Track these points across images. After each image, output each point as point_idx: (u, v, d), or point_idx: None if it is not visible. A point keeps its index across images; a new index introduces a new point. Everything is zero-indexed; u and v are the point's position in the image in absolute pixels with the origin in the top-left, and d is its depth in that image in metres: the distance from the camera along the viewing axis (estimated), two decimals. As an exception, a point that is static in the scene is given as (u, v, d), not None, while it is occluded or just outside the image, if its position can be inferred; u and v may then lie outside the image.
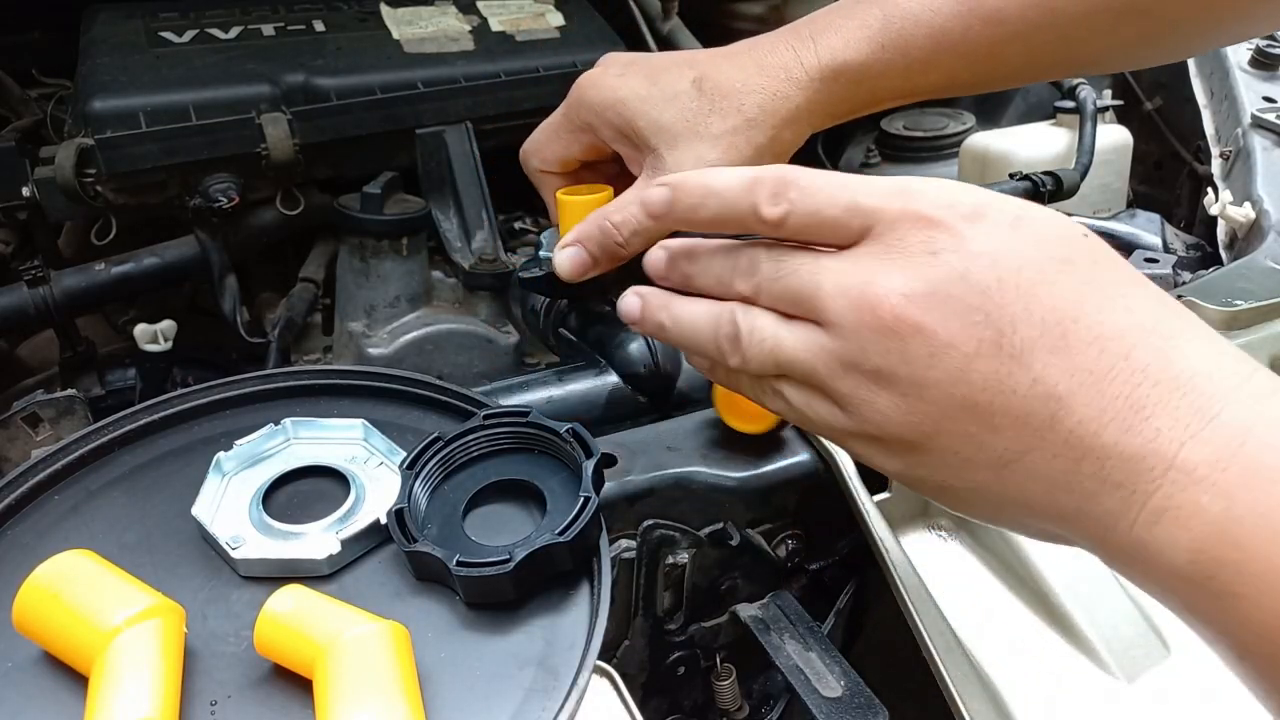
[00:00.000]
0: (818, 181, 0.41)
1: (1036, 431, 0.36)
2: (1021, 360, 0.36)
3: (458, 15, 1.00)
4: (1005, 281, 0.37)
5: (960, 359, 0.37)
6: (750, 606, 0.64)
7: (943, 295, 0.37)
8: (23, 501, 0.49)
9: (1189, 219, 1.12)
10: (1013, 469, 0.37)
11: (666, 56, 0.66)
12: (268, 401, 0.57)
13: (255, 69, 0.87)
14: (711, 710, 0.69)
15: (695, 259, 0.46)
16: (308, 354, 0.88)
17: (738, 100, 0.62)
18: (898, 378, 0.38)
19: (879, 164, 1.23)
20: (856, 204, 0.40)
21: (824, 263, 0.41)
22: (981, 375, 0.36)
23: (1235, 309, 0.71)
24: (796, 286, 0.41)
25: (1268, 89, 1.05)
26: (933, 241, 0.38)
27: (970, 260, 0.37)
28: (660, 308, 0.47)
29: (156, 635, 0.39)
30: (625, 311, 0.49)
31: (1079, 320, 0.36)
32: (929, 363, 0.37)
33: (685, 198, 0.45)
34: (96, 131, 0.78)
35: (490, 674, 0.41)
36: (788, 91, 0.62)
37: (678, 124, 0.62)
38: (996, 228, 0.38)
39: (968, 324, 0.37)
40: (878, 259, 0.39)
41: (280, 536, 0.47)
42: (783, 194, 0.41)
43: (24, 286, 0.77)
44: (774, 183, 0.42)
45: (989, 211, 0.38)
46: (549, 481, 0.48)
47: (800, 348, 0.41)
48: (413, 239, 0.85)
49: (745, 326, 0.43)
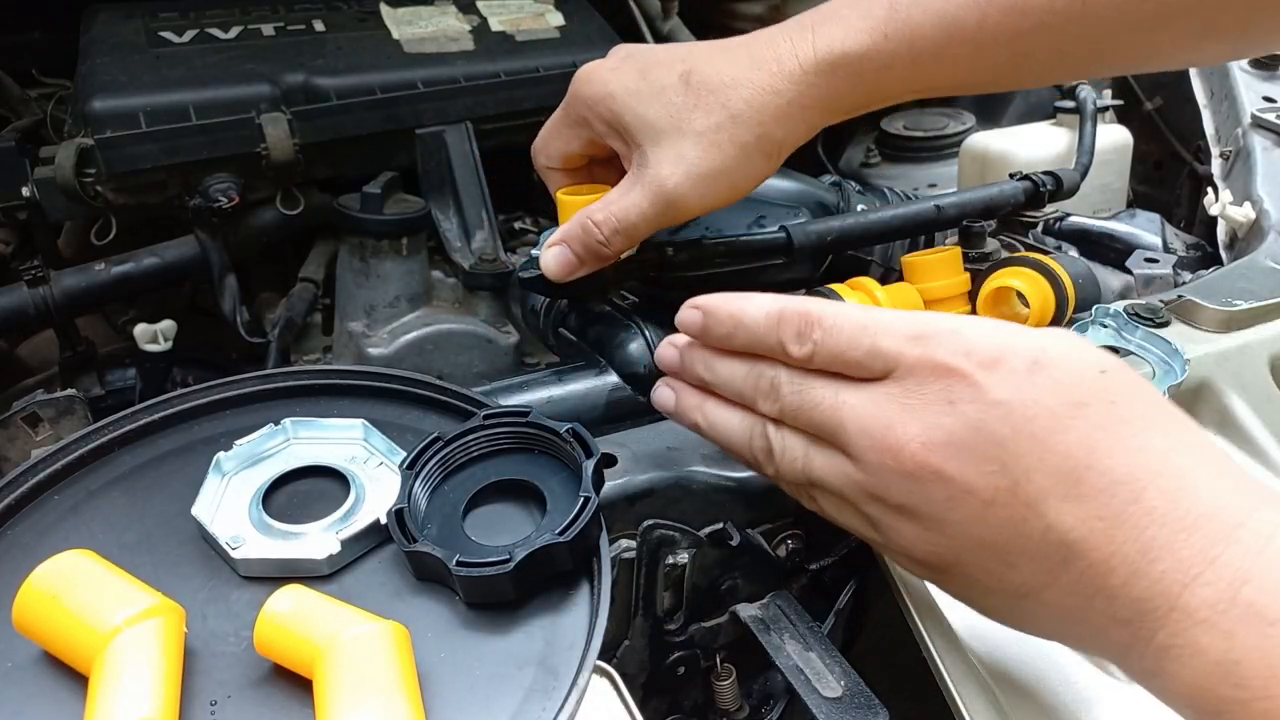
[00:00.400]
0: (840, 322, 0.42)
1: (1050, 571, 0.38)
2: (1036, 508, 0.37)
3: (458, 15, 1.00)
4: (1020, 431, 0.38)
5: (978, 504, 0.38)
6: (750, 606, 0.64)
7: (959, 444, 0.38)
8: (23, 501, 0.49)
9: (1189, 219, 1.12)
10: (1030, 600, 0.39)
11: (664, 49, 0.65)
12: (268, 401, 0.57)
13: (255, 69, 0.87)
14: (711, 710, 0.69)
15: (711, 368, 0.48)
16: (308, 354, 0.88)
17: (723, 95, 0.60)
18: (920, 514, 0.40)
19: (879, 163, 1.23)
20: (877, 348, 0.41)
21: (845, 397, 0.42)
22: (998, 520, 0.38)
23: (1235, 309, 0.71)
24: (819, 420, 0.43)
25: (1268, 89, 1.05)
26: (950, 390, 0.39)
27: (986, 410, 0.38)
28: (694, 408, 0.50)
29: (156, 635, 0.39)
30: (660, 403, 0.52)
31: (1091, 467, 0.37)
32: (948, 505, 0.39)
33: (716, 326, 0.47)
34: (96, 131, 0.78)
35: (490, 674, 0.41)
36: (778, 85, 0.59)
37: (662, 119, 0.60)
38: (1013, 374, 0.39)
39: (984, 473, 0.38)
40: (898, 402, 0.40)
41: (280, 536, 0.47)
42: (807, 334, 0.43)
43: (24, 286, 0.77)
44: (798, 321, 0.43)
45: (1006, 357, 0.39)
46: (549, 481, 0.48)
47: (829, 472, 0.43)
48: (413, 239, 0.85)
49: (777, 445, 0.45)
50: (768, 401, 0.45)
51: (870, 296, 0.70)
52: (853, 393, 0.42)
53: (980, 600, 0.42)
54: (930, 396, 0.39)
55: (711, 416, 0.49)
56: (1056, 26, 0.56)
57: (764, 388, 0.45)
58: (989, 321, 0.41)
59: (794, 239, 0.74)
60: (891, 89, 0.61)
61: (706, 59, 0.61)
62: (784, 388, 0.44)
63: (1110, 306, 0.71)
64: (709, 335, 0.47)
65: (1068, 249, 0.92)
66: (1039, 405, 0.38)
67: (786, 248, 0.74)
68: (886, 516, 0.41)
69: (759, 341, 0.45)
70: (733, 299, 0.46)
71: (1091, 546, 0.37)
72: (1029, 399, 0.38)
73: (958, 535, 0.39)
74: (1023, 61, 0.59)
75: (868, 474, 0.41)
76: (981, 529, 0.38)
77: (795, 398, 0.43)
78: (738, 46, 0.62)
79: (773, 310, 0.44)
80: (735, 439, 0.48)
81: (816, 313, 0.43)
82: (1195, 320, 0.72)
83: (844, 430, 0.41)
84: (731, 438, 0.48)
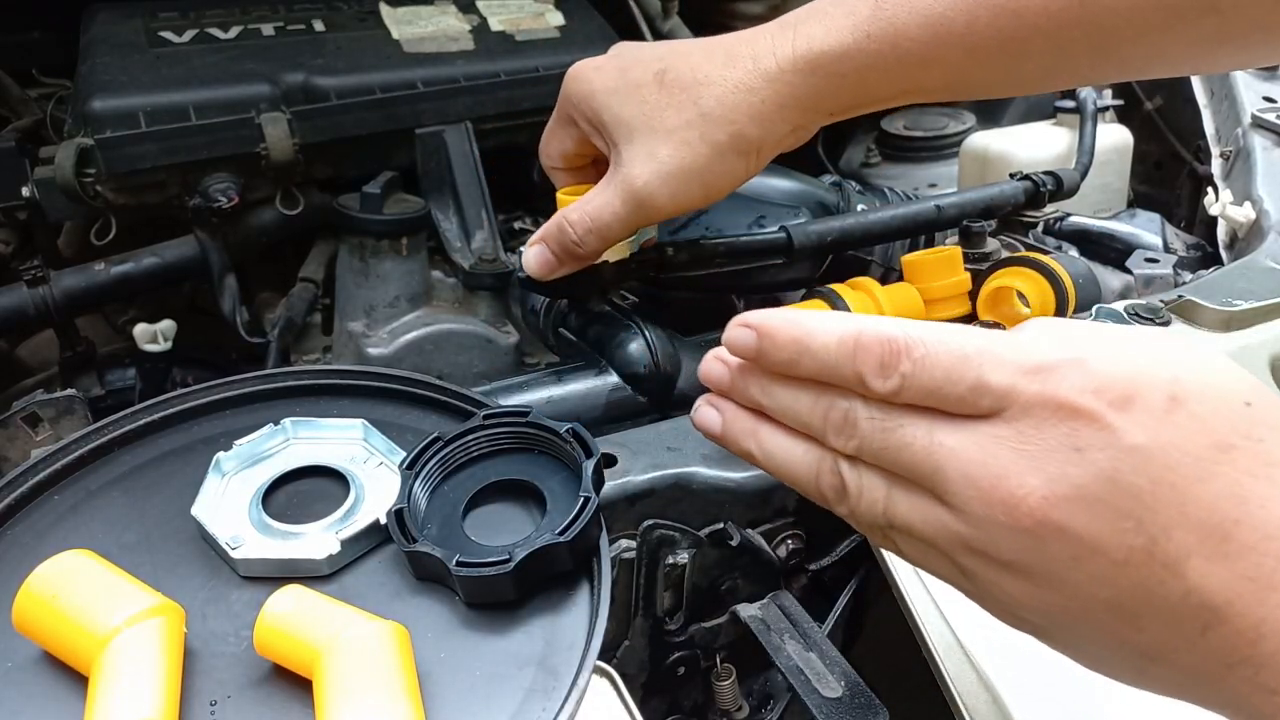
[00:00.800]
0: (935, 351, 0.36)
1: (1187, 637, 0.34)
2: (1176, 569, 0.33)
3: (458, 15, 1.00)
4: (1159, 482, 0.33)
5: (1107, 565, 0.33)
6: (750, 606, 0.64)
7: (1089, 499, 0.33)
8: (23, 501, 0.49)
9: (1189, 219, 1.12)
10: (1157, 664, 0.35)
11: (651, 47, 0.64)
12: (268, 401, 0.57)
13: (255, 69, 0.87)
14: (711, 710, 0.69)
15: (769, 393, 0.41)
16: (308, 354, 0.88)
17: (695, 93, 0.58)
18: (1033, 572, 0.35)
19: (879, 163, 1.23)
20: (983, 384, 0.35)
21: (942, 438, 0.36)
22: (1130, 581, 0.33)
23: (1235, 309, 0.71)
24: (910, 463, 0.36)
25: (1268, 89, 1.05)
26: (1076, 435, 0.33)
27: (1120, 459, 0.33)
28: (746, 434, 0.42)
29: (156, 635, 0.39)
30: (703, 425, 0.44)
31: (1240, 521, 0.33)
32: (1071, 565, 0.34)
33: (775, 351, 0.39)
34: (96, 131, 0.78)
35: (490, 674, 0.41)
36: (752, 83, 0.58)
37: (636, 118, 0.59)
38: (1149, 416, 0.33)
39: (1117, 530, 0.33)
40: (1010, 448, 0.34)
41: (280, 536, 0.47)
42: (892, 366, 0.36)
43: (24, 286, 0.77)
44: (881, 350, 0.36)
45: (1141, 394, 0.34)
46: (549, 481, 0.48)
47: (918, 520, 0.37)
48: (413, 239, 0.85)
49: (853, 485, 0.39)
50: (840, 436, 0.38)
51: (870, 296, 0.70)
52: (952, 433, 0.35)
53: (1093, 659, 0.38)
54: (1052, 442, 0.34)
55: (769, 446, 0.41)
56: (1053, 31, 0.54)
57: (836, 420, 0.38)
58: (1112, 343, 0.35)
59: (794, 239, 0.74)
60: (879, 91, 0.59)
61: (684, 56, 0.60)
62: (863, 424, 0.37)
63: (1111, 306, 0.71)
64: (766, 360, 0.40)
65: (1068, 249, 0.92)
66: (1180, 451, 0.33)
67: (786, 248, 0.74)
68: (988, 572, 0.36)
69: (830, 371, 0.38)
70: (796, 320, 0.39)
71: (1238, 611, 0.32)
72: (1168, 443, 0.33)
73: (1078, 596, 0.34)
74: (1018, 65, 0.56)
75: (971, 526, 0.35)
76: (1109, 591, 0.34)
77: (878, 436, 0.37)
78: (717, 44, 0.61)
79: (847, 336, 0.37)
80: (799, 474, 0.41)
81: (903, 340, 0.36)
82: (1195, 320, 0.72)
83: (942, 477, 0.35)
84: (794, 472, 0.41)
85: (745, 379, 0.42)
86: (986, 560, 0.36)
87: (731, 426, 0.43)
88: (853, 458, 0.39)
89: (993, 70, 0.57)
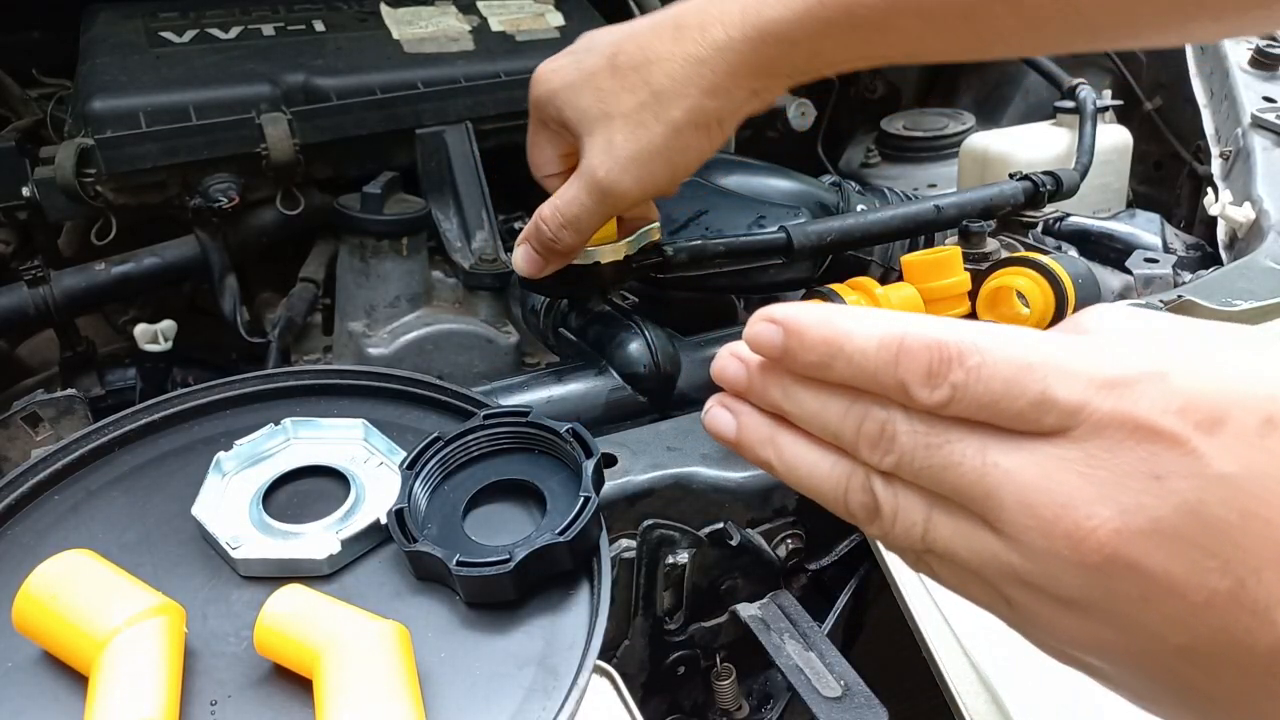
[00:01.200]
0: (993, 359, 0.31)
1: (1269, 691, 0.30)
2: (1266, 616, 0.29)
3: (458, 15, 1.00)
4: (1250, 515, 0.29)
5: (1183, 607, 0.29)
6: (750, 606, 0.64)
7: (1167, 534, 0.29)
8: (23, 501, 0.49)
9: (1189, 219, 1.12)
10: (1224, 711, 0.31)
11: (604, 33, 0.62)
12: (268, 401, 0.57)
13: (255, 69, 0.87)
14: (711, 710, 0.69)
15: (793, 397, 0.36)
16: (308, 354, 0.88)
17: (645, 72, 0.57)
18: (1095, 610, 0.31)
19: (879, 164, 1.23)
20: (1049, 398, 0.30)
21: (996, 458, 0.31)
22: (1210, 627, 0.29)
23: (1235, 309, 0.71)
24: (956, 485, 0.32)
25: (1268, 89, 1.05)
26: (1156, 460, 0.29)
27: (1206, 489, 0.29)
28: (764, 442, 0.38)
29: (156, 635, 0.39)
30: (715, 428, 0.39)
31: None
32: (1141, 605, 0.30)
33: (804, 353, 0.34)
34: (96, 131, 0.78)
35: (490, 674, 0.41)
36: (702, 55, 0.56)
37: (593, 107, 0.58)
38: (1240, 439, 0.29)
39: (1198, 570, 0.29)
40: (1077, 473, 0.30)
41: (280, 536, 0.47)
42: (942, 374, 0.31)
43: (24, 286, 0.78)
44: (929, 356, 0.32)
45: (1232, 415, 0.29)
46: (549, 481, 0.48)
47: (962, 547, 0.33)
48: (413, 239, 0.85)
49: (887, 505, 0.34)
50: (875, 450, 0.34)
51: (870, 296, 0.70)
52: (1008, 452, 0.31)
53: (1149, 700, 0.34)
54: (1126, 467, 0.29)
55: (790, 456, 0.37)
56: None
57: (871, 432, 0.34)
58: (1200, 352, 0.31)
59: (794, 239, 0.74)
60: (834, 56, 0.57)
61: (634, 36, 0.59)
62: (902, 437, 0.33)
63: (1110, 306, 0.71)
64: (792, 361, 0.35)
65: (1068, 249, 0.92)
66: (1276, 481, 0.29)
67: (786, 248, 0.74)
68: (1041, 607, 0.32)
69: (868, 378, 0.33)
70: (830, 318, 0.34)
71: None
72: (1263, 473, 0.29)
73: (1145, 639, 0.30)
74: (982, 32, 0.54)
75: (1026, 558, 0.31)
76: (1183, 636, 0.30)
77: (921, 453, 0.32)
78: (666, 17, 0.59)
79: (889, 339, 0.32)
80: (824, 488, 0.36)
81: (955, 345, 0.31)
82: (1195, 320, 0.72)
83: (995, 502, 0.31)
84: (819, 486, 0.36)
85: (766, 380, 0.37)
86: (1041, 595, 0.32)
87: (748, 432, 0.38)
88: (888, 474, 0.34)
89: (952, 37, 0.55)
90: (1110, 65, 1.25)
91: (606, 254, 0.68)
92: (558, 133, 0.63)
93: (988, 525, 0.32)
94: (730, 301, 0.94)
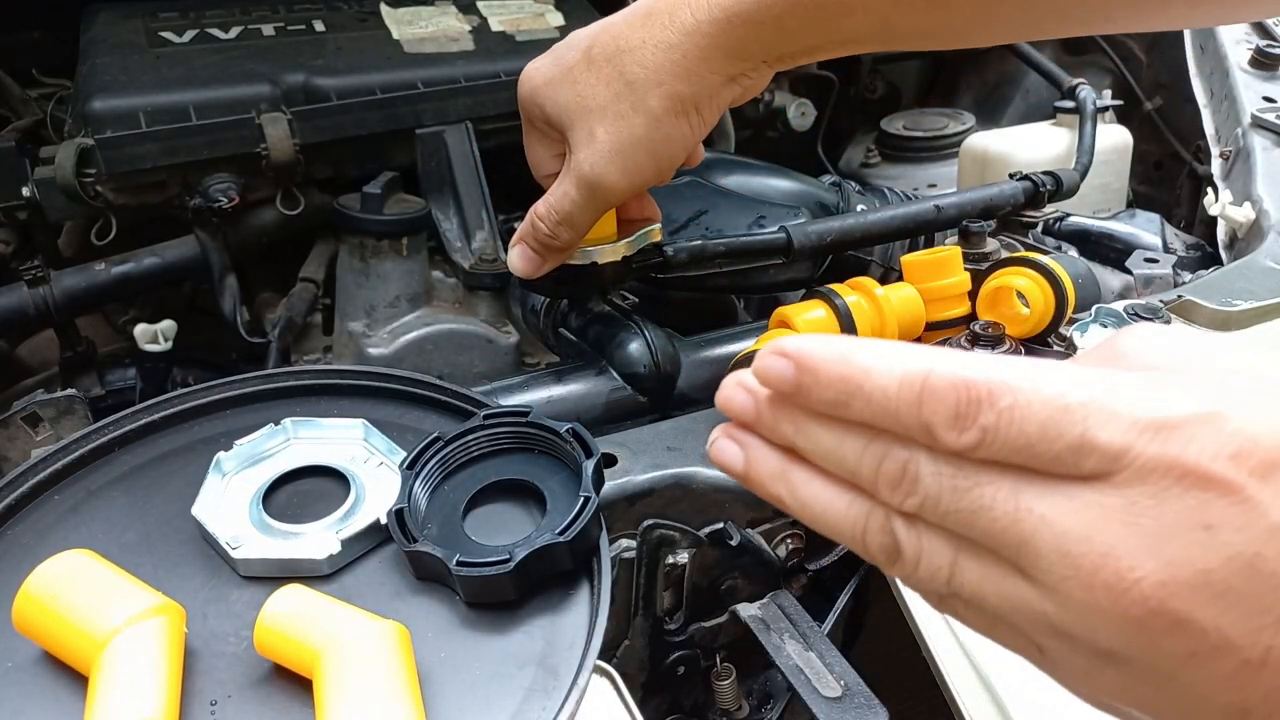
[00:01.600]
0: (1027, 400, 0.29)
1: None
2: None
3: (458, 15, 1.00)
4: None
5: (1236, 666, 0.27)
6: (750, 606, 0.64)
7: (1219, 588, 0.27)
8: (23, 501, 0.50)
9: (1189, 219, 1.12)
10: None
11: (583, 29, 0.62)
12: (268, 401, 0.57)
13: (255, 69, 0.87)
14: (711, 710, 0.69)
15: (807, 434, 0.34)
16: (308, 354, 0.88)
17: (618, 63, 0.57)
18: (1137, 665, 0.29)
19: (879, 163, 1.23)
20: (1090, 441, 0.28)
21: (1030, 503, 0.29)
22: (1264, 689, 0.28)
23: (1235, 309, 0.71)
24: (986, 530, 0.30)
25: (1268, 89, 1.05)
26: (1206, 510, 0.27)
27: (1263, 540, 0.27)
28: (775, 478, 0.35)
29: (156, 635, 0.39)
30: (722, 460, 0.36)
31: None
32: (1187, 662, 0.28)
33: (820, 390, 0.32)
34: (96, 131, 0.78)
35: (490, 674, 0.41)
36: (671, 40, 0.56)
37: (572, 103, 0.58)
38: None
39: (1253, 627, 0.27)
40: (1120, 521, 0.28)
41: (280, 536, 0.47)
42: (970, 416, 0.29)
43: (24, 286, 0.78)
44: (956, 397, 0.29)
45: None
46: (549, 481, 0.48)
47: (992, 593, 0.31)
48: (413, 239, 0.85)
49: (910, 548, 0.32)
50: (896, 492, 0.32)
51: (870, 296, 0.70)
52: (1043, 497, 0.29)
53: None
54: (1173, 516, 0.27)
55: (804, 494, 0.34)
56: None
57: (892, 473, 0.31)
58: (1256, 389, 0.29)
59: (794, 239, 0.74)
60: (805, 39, 0.56)
61: (609, 28, 0.59)
62: (926, 479, 0.31)
63: (1110, 306, 0.71)
64: (805, 398, 0.33)
65: (1068, 249, 0.92)
66: None
67: (786, 248, 0.74)
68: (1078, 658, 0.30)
69: (889, 418, 0.31)
70: (846, 355, 0.32)
71: None
72: None
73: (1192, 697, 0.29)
74: (951, 16, 0.54)
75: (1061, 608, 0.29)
76: (1233, 695, 0.28)
77: (947, 496, 0.30)
78: (639, 8, 0.58)
79: (911, 378, 0.30)
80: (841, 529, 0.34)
81: (985, 385, 0.29)
82: (1195, 320, 0.72)
83: (1030, 550, 0.29)
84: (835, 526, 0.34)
85: (776, 414, 0.34)
86: (1077, 645, 0.30)
87: (758, 466, 0.36)
88: (909, 514, 0.32)
89: (920, 18, 0.54)
90: (1110, 65, 1.25)
91: (606, 254, 0.68)
92: (545, 131, 0.63)
93: (1020, 572, 0.30)
94: (730, 301, 0.94)
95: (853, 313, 0.67)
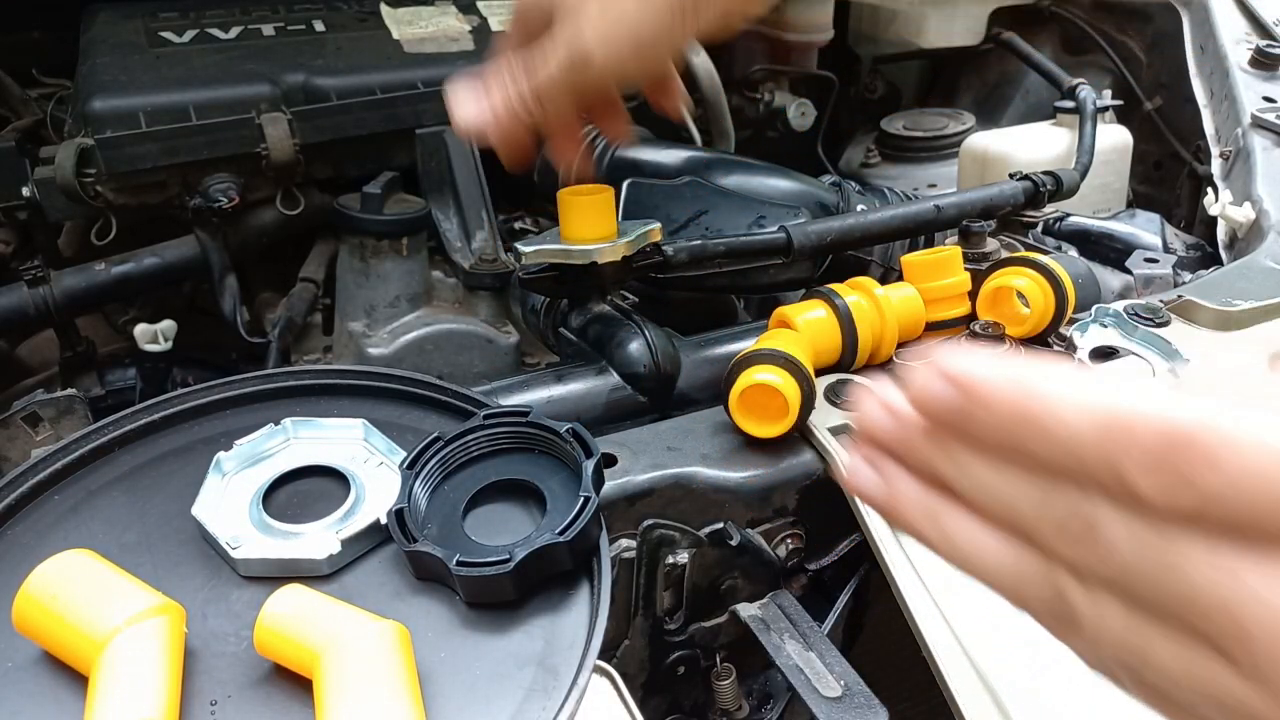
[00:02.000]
0: (1257, 465, 0.24)
1: None
2: None
3: (458, 15, 1.00)
4: None
5: None
6: (750, 606, 0.64)
7: None
8: (23, 501, 0.49)
9: (1189, 219, 1.12)
10: None
11: None
12: (268, 401, 0.57)
13: (255, 69, 0.87)
14: (711, 710, 0.69)
15: (965, 469, 0.30)
16: (308, 354, 0.88)
17: None
18: None
19: (879, 163, 1.23)
20: None
21: (1242, 572, 0.25)
22: None
23: (1235, 309, 0.71)
24: (1183, 599, 0.26)
25: (1268, 89, 1.05)
26: None
27: None
28: (922, 516, 0.32)
29: (156, 635, 0.39)
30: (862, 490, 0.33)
31: None
32: None
33: (992, 424, 0.28)
34: (96, 131, 0.78)
35: (490, 674, 0.41)
36: None
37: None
38: None
39: None
40: None
41: (280, 536, 0.47)
42: (1176, 471, 0.25)
43: (24, 286, 0.78)
44: (1163, 447, 0.25)
45: None
46: (549, 481, 0.48)
47: (1179, 672, 0.27)
48: (413, 239, 0.85)
49: (1089, 616, 0.28)
50: (1076, 546, 0.27)
51: (870, 296, 0.70)
52: (1259, 569, 0.25)
53: None
54: None
55: (959, 538, 0.31)
56: None
57: (1074, 530, 0.27)
58: None
59: (794, 239, 0.74)
60: None
61: None
62: (1121, 543, 0.26)
63: (1110, 306, 0.71)
64: (971, 428, 0.29)
65: (1068, 249, 0.92)
66: None
67: (786, 248, 0.74)
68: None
69: (1074, 463, 0.27)
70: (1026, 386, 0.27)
71: None
72: None
73: None
74: None
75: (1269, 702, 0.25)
76: None
77: (1148, 563, 0.26)
78: None
79: (1110, 422, 0.26)
80: (1001, 580, 0.30)
81: (1202, 438, 0.24)
82: (1195, 320, 0.72)
83: (1240, 634, 0.25)
84: (993, 576, 0.30)
85: (930, 444, 0.30)
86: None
87: (904, 502, 0.32)
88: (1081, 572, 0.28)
89: None
90: (1110, 65, 1.25)
91: (606, 254, 0.68)
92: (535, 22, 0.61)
93: (1220, 653, 0.26)
94: (730, 301, 0.94)
95: (853, 312, 0.67)
